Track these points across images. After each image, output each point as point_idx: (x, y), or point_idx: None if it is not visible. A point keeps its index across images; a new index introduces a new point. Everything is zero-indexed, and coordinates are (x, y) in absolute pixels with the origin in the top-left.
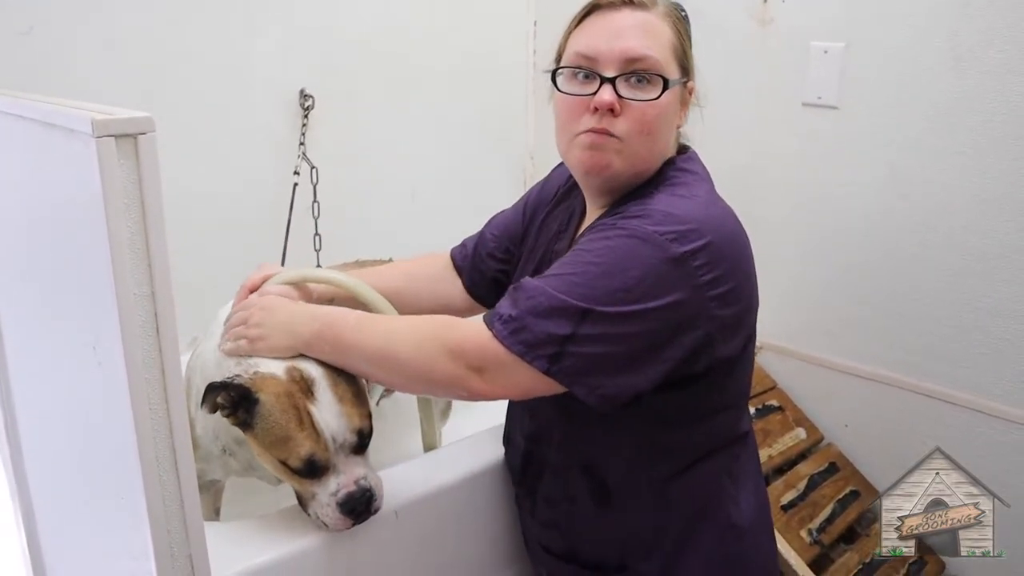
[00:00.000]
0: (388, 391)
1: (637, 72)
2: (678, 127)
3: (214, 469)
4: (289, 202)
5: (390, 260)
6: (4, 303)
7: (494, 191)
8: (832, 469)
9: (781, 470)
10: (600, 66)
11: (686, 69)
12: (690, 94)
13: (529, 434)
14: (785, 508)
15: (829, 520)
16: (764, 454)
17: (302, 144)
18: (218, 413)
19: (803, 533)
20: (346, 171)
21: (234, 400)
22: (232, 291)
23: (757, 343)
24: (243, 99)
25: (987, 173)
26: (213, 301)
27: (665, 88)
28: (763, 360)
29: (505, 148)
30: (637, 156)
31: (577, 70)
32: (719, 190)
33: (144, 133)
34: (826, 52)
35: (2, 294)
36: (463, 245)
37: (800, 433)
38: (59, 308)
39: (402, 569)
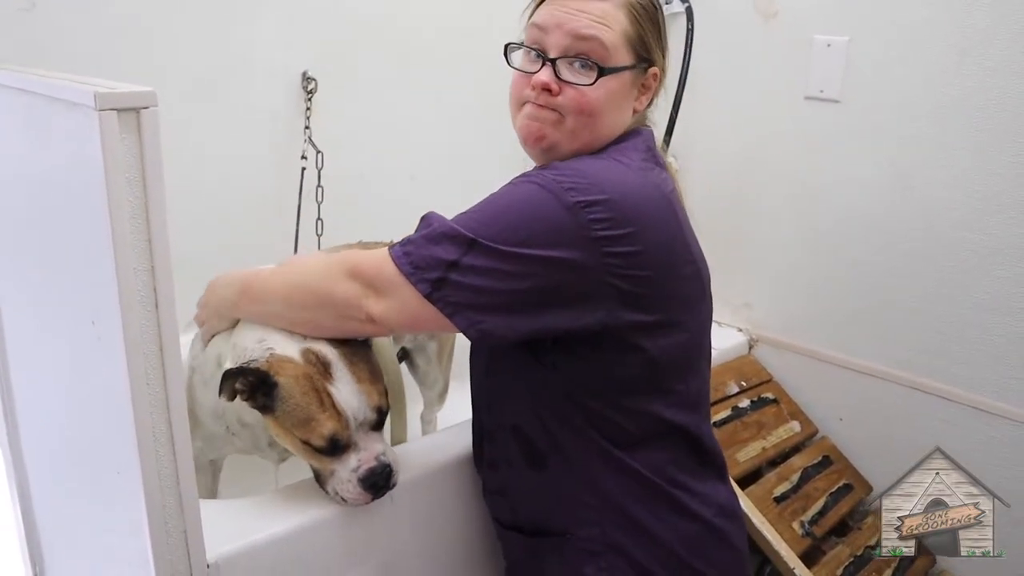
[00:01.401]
0: None
1: (580, 56)
2: (635, 111)
3: (216, 448)
4: (298, 186)
5: (391, 243)
6: (3, 276)
7: (494, 174)
8: (826, 462)
9: (775, 462)
10: (547, 46)
11: (645, 56)
12: (654, 80)
13: (473, 402)
14: (778, 500)
15: (821, 513)
16: (758, 446)
17: (307, 128)
18: (223, 398)
19: (795, 525)
20: (347, 154)
21: (252, 385)
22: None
23: (752, 335)
24: (245, 81)
25: (988, 169)
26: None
27: (602, 75)
28: (759, 353)
29: (506, 131)
30: (574, 134)
31: (530, 49)
32: (718, 180)
33: (147, 107)
34: (829, 45)
35: (1, 267)
36: None
37: (794, 426)
38: (59, 282)
39: (395, 549)
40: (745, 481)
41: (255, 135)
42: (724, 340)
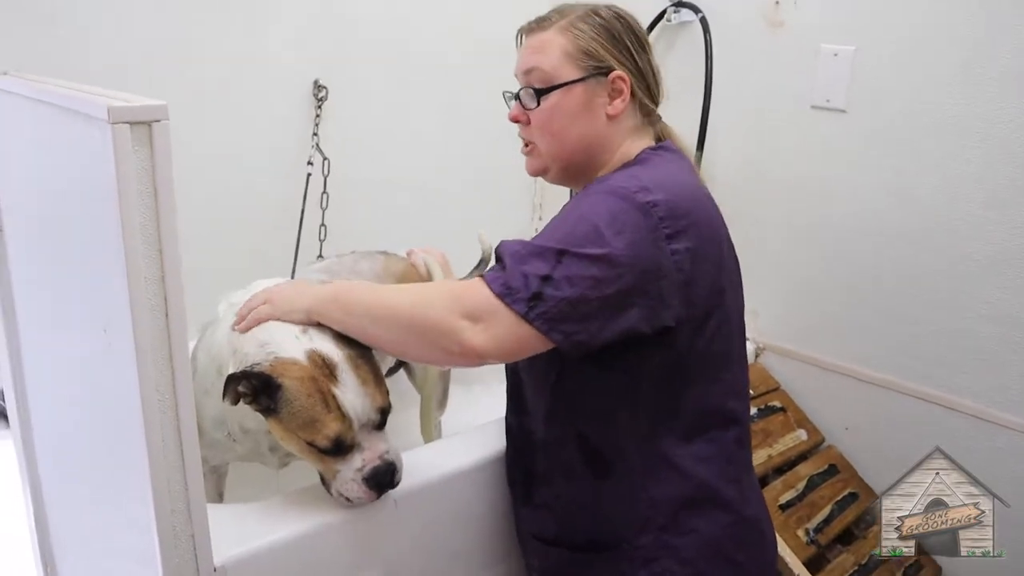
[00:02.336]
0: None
1: (527, 87)
2: (611, 116)
3: (219, 454)
4: (302, 193)
5: (408, 253)
6: (18, 284)
7: (504, 185)
8: (832, 471)
9: (781, 470)
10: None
11: (597, 66)
12: (622, 82)
13: (518, 414)
14: (783, 507)
15: (827, 521)
16: (764, 454)
17: (315, 135)
18: (227, 401)
19: (800, 533)
20: (356, 162)
21: (256, 388)
22: (242, 280)
23: (760, 344)
24: (257, 89)
25: (993, 179)
26: (222, 288)
27: (541, 94)
28: (766, 362)
29: (516, 142)
30: (551, 154)
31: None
32: (724, 189)
33: (158, 120)
34: (836, 55)
35: (16, 275)
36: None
37: (801, 434)
38: (71, 291)
39: (399, 556)
40: None
41: (266, 143)
42: None
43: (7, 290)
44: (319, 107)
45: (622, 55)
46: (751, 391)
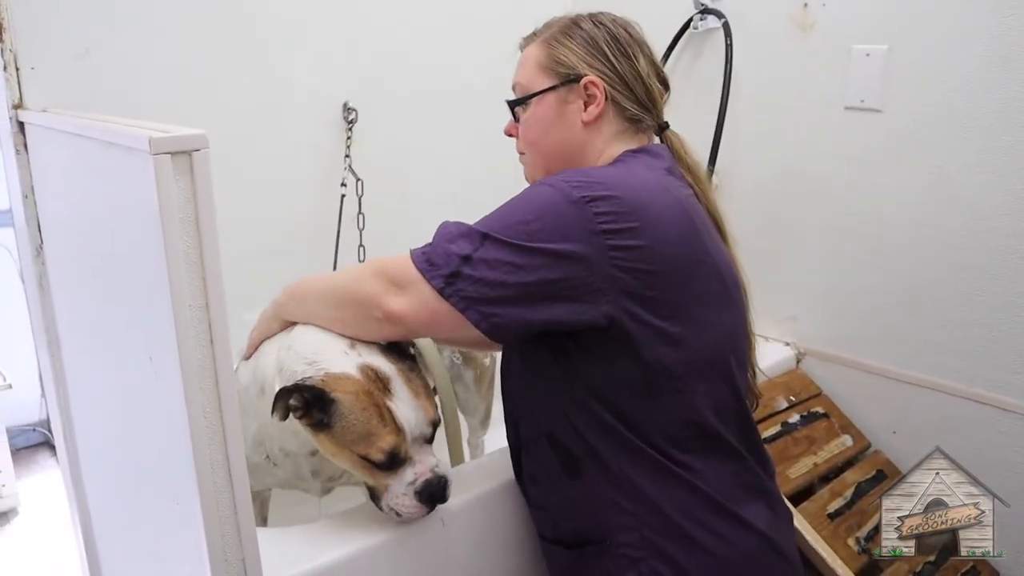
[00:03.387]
0: None
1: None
2: (586, 123)
3: (258, 479)
4: (337, 214)
5: None
6: (61, 314)
7: None
8: (880, 476)
9: (827, 478)
10: None
11: (566, 73)
12: (594, 87)
13: (506, 418)
14: (832, 516)
15: (878, 529)
16: (809, 462)
17: (348, 156)
18: (275, 417)
19: (851, 542)
20: (388, 182)
21: (307, 402)
22: None
23: (800, 349)
24: (287, 114)
25: None
26: (257, 314)
27: (515, 106)
28: (807, 366)
29: None
30: (536, 163)
31: None
32: (760, 193)
33: (198, 150)
34: (868, 55)
35: (59, 306)
36: None
37: (846, 440)
38: (116, 320)
39: (448, 574)
40: (798, 498)
41: (298, 167)
42: (771, 355)
43: (51, 320)
44: (350, 129)
45: (597, 61)
46: (792, 397)
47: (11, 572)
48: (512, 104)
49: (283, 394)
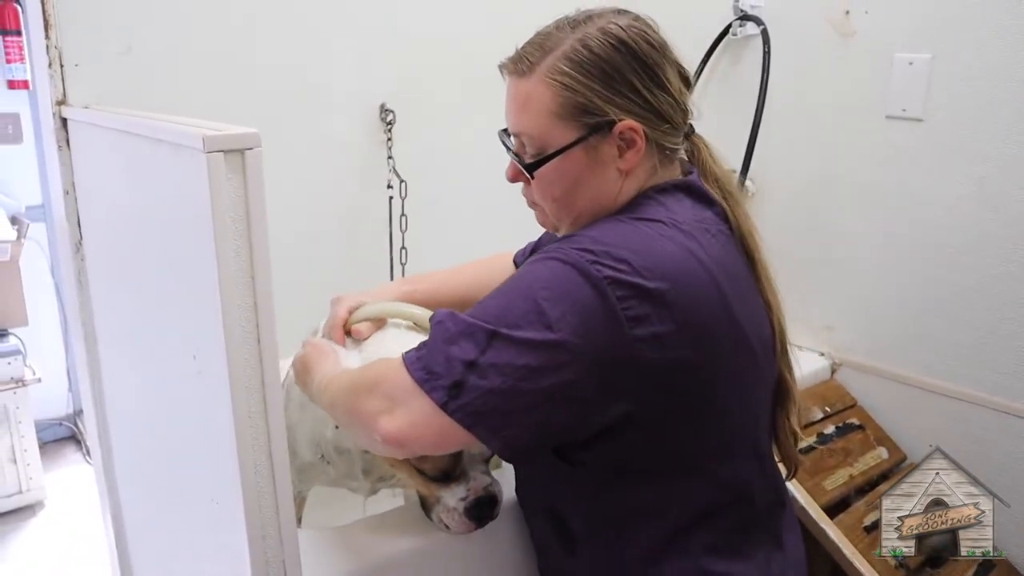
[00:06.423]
0: None
1: (520, 152)
2: (624, 171)
3: (309, 479)
4: (379, 216)
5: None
6: (99, 310)
7: None
8: None
9: (863, 490)
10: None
11: (595, 122)
12: (633, 132)
13: (516, 482)
14: (868, 530)
15: None
16: (845, 474)
17: (390, 158)
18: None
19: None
20: (427, 183)
21: None
22: (321, 305)
23: (836, 360)
24: (326, 116)
25: None
26: (301, 314)
27: (533, 169)
28: (843, 377)
29: None
30: (559, 217)
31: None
32: (798, 201)
33: (251, 148)
34: (911, 63)
35: (96, 302)
36: (524, 249)
37: (882, 452)
38: (158, 317)
39: None
40: (833, 510)
41: (336, 169)
42: (806, 365)
43: (88, 316)
44: (388, 130)
45: (626, 100)
46: (827, 408)
47: (38, 565)
48: (531, 167)
49: None
